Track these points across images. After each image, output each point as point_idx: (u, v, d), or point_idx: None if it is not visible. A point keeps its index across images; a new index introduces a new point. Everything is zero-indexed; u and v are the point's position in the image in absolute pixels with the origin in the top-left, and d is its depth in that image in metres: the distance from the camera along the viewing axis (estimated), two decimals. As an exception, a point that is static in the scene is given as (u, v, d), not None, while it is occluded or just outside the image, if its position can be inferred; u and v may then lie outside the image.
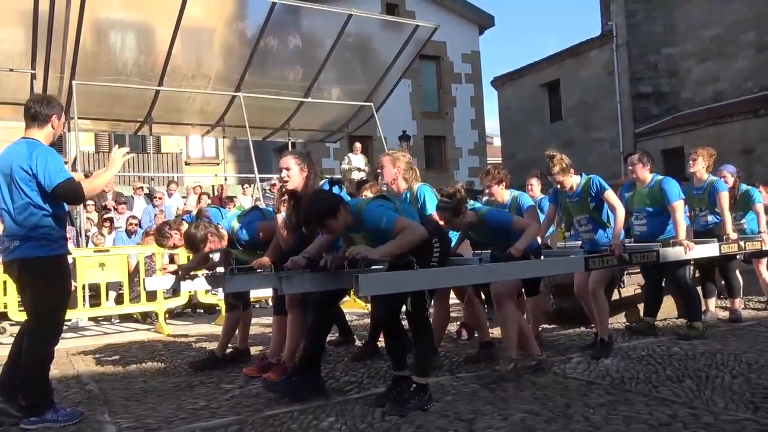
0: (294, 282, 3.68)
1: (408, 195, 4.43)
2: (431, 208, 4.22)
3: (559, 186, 4.89)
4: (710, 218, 5.99)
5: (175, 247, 4.92)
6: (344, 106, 13.52)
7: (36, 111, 3.67)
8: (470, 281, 3.87)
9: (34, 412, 3.55)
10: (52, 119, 3.70)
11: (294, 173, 4.02)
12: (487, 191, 5.50)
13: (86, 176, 4.11)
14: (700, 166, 5.97)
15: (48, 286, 3.63)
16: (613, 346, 4.77)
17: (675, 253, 4.93)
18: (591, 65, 21.18)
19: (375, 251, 3.29)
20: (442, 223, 4.05)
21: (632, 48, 19.86)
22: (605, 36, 20.67)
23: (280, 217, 4.05)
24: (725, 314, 6.19)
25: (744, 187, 6.35)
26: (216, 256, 5.08)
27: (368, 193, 5.21)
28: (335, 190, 3.52)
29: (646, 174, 5.34)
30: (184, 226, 4.63)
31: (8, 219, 3.60)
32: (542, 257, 4.39)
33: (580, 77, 21.50)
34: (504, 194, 5.16)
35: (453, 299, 5.18)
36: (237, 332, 5.18)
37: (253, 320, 5.57)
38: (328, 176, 4.28)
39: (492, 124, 28.91)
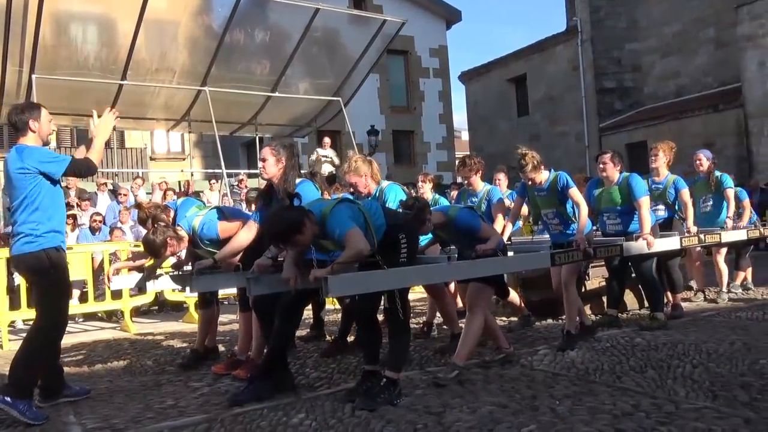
0: (262, 283, 3.67)
1: (377, 192, 4.47)
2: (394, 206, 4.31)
3: (530, 183, 4.96)
4: (662, 213, 6.16)
5: (173, 254, 4.66)
6: (312, 100, 13.43)
7: (14, 121, 3.84)
8: (439, 279, 3.90)
9: (8, 391, 3.56)
10: (29, 124, 3.79)
11: (269, 164, 4.03)
12: (465, 181, 5.60)
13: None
14: (661, 162, 6.13)
15: (41, 282, 3.79)
16: (578, 339, 4.87)
17: (638, 246, 5.03)
18: (557, 60, 21.45)
19: (325, 271, 3.25)
20: None
21: (596, 43, 20.19)
22: (570, 31, 20.97)
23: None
24: (687, 305, 6.36)
25: (717, 172, 6.55)
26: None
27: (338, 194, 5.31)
28: (295, 202, 3.48)
29: (615, 174, 5.42)
30: (181, 231, 4.44)
31: (13, 219, 3.85)
32: (510, 253, 4.45)
33: (546, 72, 21.77)
34: (479, 184, 5.24)
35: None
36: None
37: (220, 317, 5.52)
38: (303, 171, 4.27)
39: (460, 118, 29.16)
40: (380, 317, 3.76)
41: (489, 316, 4.49)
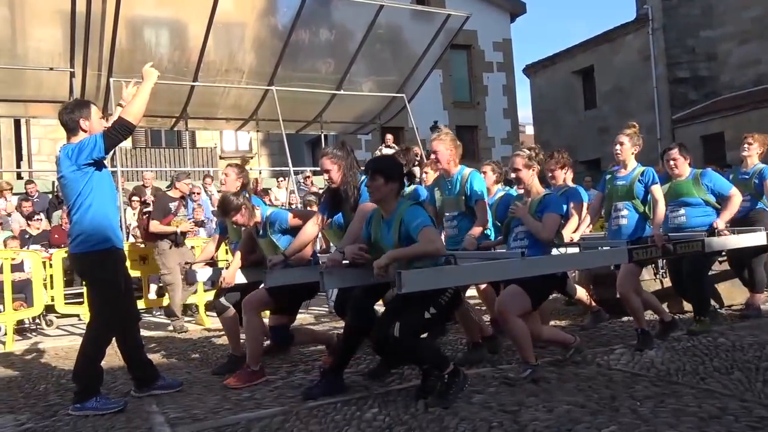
0: (335, 277, 3.68)
1: (459, 178, 4.49)
2: (480, 194, 4.37)
3: (619, 156, 4.77)
4: (747, 204, 5.82)
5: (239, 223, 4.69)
6: (376, 97, 13.50)
7: (65, 121, 3.86)
8: (512, 275, 3.79)
9: (79, 398, 3.72)
10: (79, 123, 3.85)
11: (333, 173, 4.11)
12: (549, 174, 5.38)
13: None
14: (754, 152, 5.83)
15: (93, 281, 3.89)
16: (659, 336, 4.71)
17: (721, 242, 4.81)
18: (626, 50, 20.75)
19: (386, 257, 3.31)
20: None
21: (669, 32, 19.40)
22: (640, 20, 20.22)
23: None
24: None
25: None
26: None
27: (429, 170, 5.53)
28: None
29: (686, 168, 5.21)
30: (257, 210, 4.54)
31: (69, 219, 3.92)
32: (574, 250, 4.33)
33: (614, 63, 21.09)
34: (560, 179, 5.09)
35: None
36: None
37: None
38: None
39: (525, 112, 28.62)
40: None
41: (545, 330, 4.30)
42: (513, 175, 4.17)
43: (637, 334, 4.64)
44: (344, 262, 3.71)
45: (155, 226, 7.17)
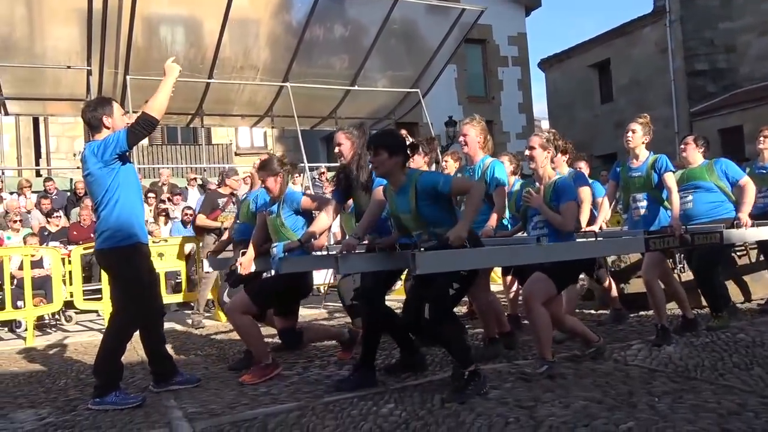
0: (350, 262, 3.65)
1: (480, 165, 4.49)
2: (501, 182, 4.41)
3: (630, 144, 4.73)
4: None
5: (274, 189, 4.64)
6: (390, 93, 13.49)
7: (88, 119, 3.93)
8: (528, 260, 3.78)
9: (98, 392, 3.76)
10: (102, 120, 3.90)
11: (345, 148, 4.13)
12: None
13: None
14: None
15: (118, 276, 3.94)
16: (679, 332, 4.68)
17: (739, 235, 4.74)
18: (643, 43, 20.52)
19: (460, 226, 3.30)
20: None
21: (686, 23, 19.16)
22: (657, 12, 19.98)
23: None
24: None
25: None
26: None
27: (450, 159, 5.57)
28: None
29: (697, 156, 5.15)
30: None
31: (96, 215, 3.99)
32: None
33: (631, 56, 20.87)
34: (563, 168, 5.01)
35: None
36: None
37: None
38: None
39: (540, 107, 28.38)
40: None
41: (568, 318, 4.28)
42: (527, 153, 4.12)
43: (657, 329, 4.61)
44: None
45: (201, 219, 7.31)
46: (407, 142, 3.68)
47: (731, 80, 18.98)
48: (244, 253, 4.58)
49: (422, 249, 3.41)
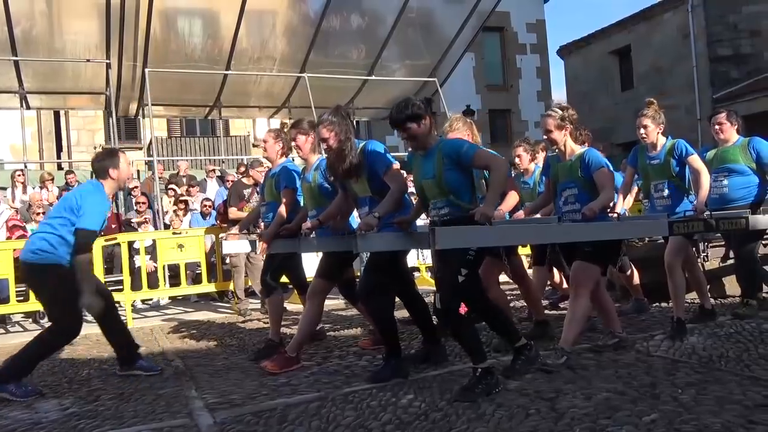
0: (369, 240, 3.56)
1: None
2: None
3: (643, 135, 4.65)
4: None
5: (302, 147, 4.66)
6: (408, 82, 13.39)
7: (95, 168, 4.28)
8: (547, 239, 3.78)
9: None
10: (108, 172, 4.18)
11: (332, 141, 3.94)
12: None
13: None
14: None
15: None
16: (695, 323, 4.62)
17: (766, 221, 4.62)
18: (664, 28, 20.17)
19: (487, 203, 3.24)
20: None
21: (709, 8, 18.78)
22: (679, -3, 19.64)
23: None
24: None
25: None
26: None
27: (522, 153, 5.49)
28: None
29: (733, 134, 5.03)
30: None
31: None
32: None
33: (652, 42, 20.53)
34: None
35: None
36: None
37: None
38: (393, 154, 4.19)
39: (559, 95, 28.10)
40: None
41: (605, 297, 4.23)
42: (545, 137, 4.06)
43: (672, 322, 4.51)
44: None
45: (233, 212, 7.41)
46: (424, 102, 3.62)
47: (755, 65, 18.59)
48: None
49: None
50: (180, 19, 11.12)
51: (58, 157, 16.64)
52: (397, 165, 3.86)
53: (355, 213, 4.32)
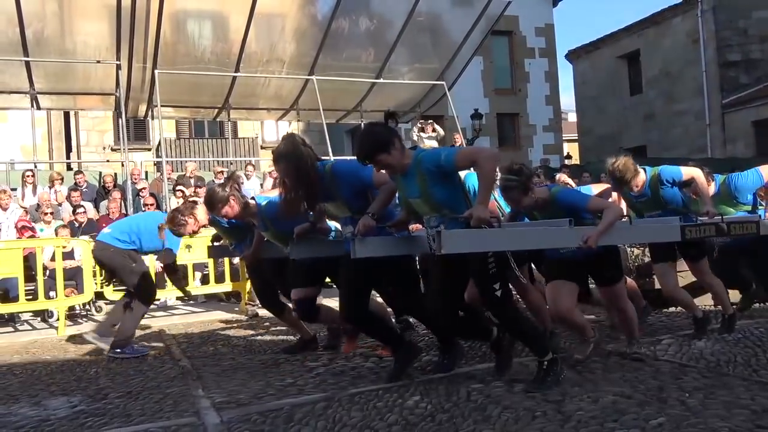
0: (367, 245, 3.44)
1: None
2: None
3: (636, 189, 4.43)
4: None
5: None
6: (416, 85, 13.42)
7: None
8: (560, 244, 3.63)
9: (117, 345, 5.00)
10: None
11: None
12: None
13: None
14: None
15: None
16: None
17: None
18: (674, 33, 20.13)
19: (479, 205, 3.12)
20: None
21: (719, 13, 18.75)
22: (689, 1, 19.58)
23: None
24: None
25: None
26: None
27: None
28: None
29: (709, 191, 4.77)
30: (198, 210, 4.66)
31: None
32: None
33: (661, 47, 20.49)
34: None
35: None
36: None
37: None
38: None
39: (567, 99, 28.06)
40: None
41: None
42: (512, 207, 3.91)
43: (723, 318, 4.63)
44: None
45: None
46: (386, 124, 3.48)
47: (765, 71, 18.54)
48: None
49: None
50: (190, 21, 11.19)
51: (68, 157, 16.74)
52: (373, 170, 3.55)
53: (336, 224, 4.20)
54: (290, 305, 4.83)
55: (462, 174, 3.70)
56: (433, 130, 12.86)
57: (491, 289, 3.36)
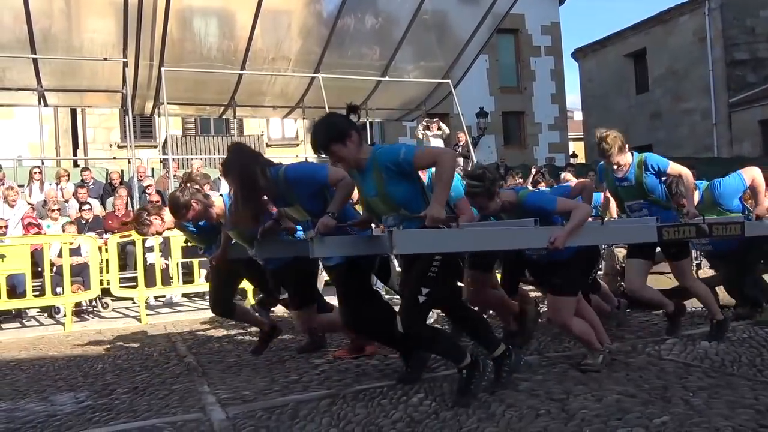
0: (326, 245, 3.30)
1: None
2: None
3: (615, 167, 4.36)
4: None
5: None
6: (422, 83, 13.43)
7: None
8: (522, 244, 3.48)
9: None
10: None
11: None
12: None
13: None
14: None
15: None
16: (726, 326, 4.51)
17: (765, 227, 4.44)
18: (681, 32, 20.06)
19: (435, 204, 2.93)
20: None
21: (726, 11, 18.67)
22: (696, 0, 19.51)
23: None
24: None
25: None
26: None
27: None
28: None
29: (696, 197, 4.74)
30: (165, 212, 4.50)
31: None
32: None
33: (668, 45, 20.43)
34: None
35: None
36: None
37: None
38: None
39: (573, 97, 27.99)
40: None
41: (589, 312, 4.03)
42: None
43: (711, 323, 4.47)
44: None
45: None
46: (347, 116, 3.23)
47: (773, 70, 18.47)
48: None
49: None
50: (196, 19, 11.22)
51: (75, 154, 16.82)
52: (329, 168, 3.50)
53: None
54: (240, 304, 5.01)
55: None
56: (439, 128, 12.87)
57: (417, 290, 3.14)
